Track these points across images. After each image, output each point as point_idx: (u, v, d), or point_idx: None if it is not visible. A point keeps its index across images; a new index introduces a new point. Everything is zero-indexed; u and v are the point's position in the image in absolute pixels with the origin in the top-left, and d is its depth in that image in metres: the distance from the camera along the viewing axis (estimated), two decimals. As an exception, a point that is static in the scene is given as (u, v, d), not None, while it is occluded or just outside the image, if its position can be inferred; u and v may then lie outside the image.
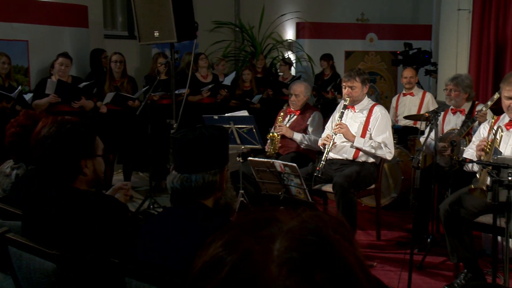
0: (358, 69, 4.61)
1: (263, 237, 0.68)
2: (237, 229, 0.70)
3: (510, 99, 3.53)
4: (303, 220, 0.70)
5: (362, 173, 4.40)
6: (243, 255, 0.66)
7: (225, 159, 1.99)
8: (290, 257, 0.65)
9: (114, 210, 1.98)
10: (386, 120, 4.50)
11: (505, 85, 3.55)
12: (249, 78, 7.45)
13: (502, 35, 6.25)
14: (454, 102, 4.60)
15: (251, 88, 7.49)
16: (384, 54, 9.61)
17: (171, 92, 5.00)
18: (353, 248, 0.70)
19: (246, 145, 5.03)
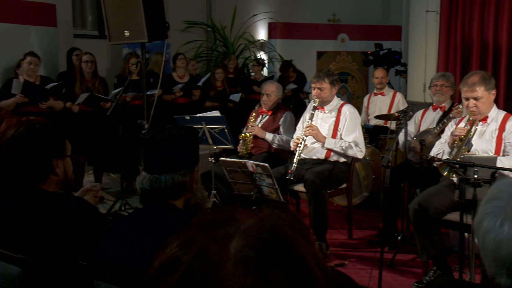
0: (327, 70, 4.65)
1: (219, 236, 0.68)
2: (194, 229, 0.71)
3: (467, 100, 3.63)
4: (260, 219, 0.71)
5: (334, 171, 4.44)
6: (198, 254, 0.66)
7: (195, 159, 1.98)
8: (246, 255, 0.66)
9: (82, 212, 1.96)
10: (355, 119, 4.56)
11: (462, 86, 3.66)
12: (221, 78, 7.44)
13: (468, 37, 6.39)
14: (444, 98, 4.70)
15: (224, 88, 7.49)
16: (355, 55, 9.73)
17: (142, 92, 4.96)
18: (310, 246, 0.71)
19: (218, 145, 5.03)
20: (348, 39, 9.71)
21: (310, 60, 9.43)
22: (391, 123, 5.15)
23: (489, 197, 1.16)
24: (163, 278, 0.67)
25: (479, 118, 3.66)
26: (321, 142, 4.50)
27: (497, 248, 1.10)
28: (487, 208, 1.14)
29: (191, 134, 1.96)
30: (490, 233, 1.11)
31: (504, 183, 1.17)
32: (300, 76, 8.33)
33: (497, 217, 1.11)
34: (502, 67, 6.08)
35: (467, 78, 3.64)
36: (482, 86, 3.58)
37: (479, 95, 3.58)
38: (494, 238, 1.10)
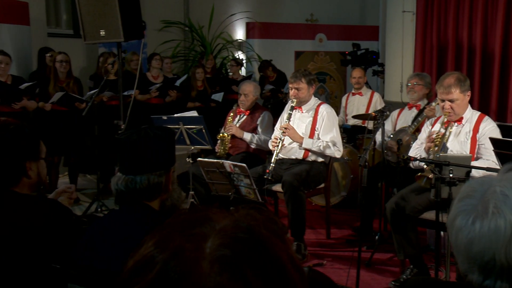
0: (304, 70, 4.68)
1: (195, 235, 0.69)
2: (169, 229, 0.71)
3: (443, 102, 3.68)
4: (236, 219, 0.72)
5: (311, 172, 4.47)
6: (174, 253, 0.67)
7: (171, 160, 1.98)
8: (222, 254, 0.66)
9: (55, 214, 1.93)
10: (333, 118, 4.59)
11: (438, 88, 3.70)
12: (202, 77, 7.41)
13: (443, 37, 6.49)
14: (416, 96, 4.76)
15: (204, 88, 7.46)
16: (333, 55, 9.79)
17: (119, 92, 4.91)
18: (285, 246, 0.72)
19: (196, 145, 5.01)
20: (326, 39, 9.77)
21: (288, 60, 9.47)
22: (369, 123, 5.20)
23: (461, 196, 1.18)
24: (138, 277, 0.67)
25: (454, 119, 3.71)
26: (298, 142, 4.52)
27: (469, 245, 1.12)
28: (460, 207, 1.16)
29: (167, 135, 1.95)
30: (462, 231, 1.13)
31: (476, 182, 1.19)
32: (280, 76, 8.35)
33: (469, 215, 1.13)
34: (477, 67, 6.19)
35: (443, 80, 3.69)
36: (458, 88, 3.62)
37: (455, 97, 3.63)
38: (466, 236, 1.12)
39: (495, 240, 1.08)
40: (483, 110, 3.97)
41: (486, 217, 1.10)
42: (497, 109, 5.98)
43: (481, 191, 1.15)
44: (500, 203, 1.10)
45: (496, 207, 1.10)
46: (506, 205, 1.10)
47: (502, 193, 1.12)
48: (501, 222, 1.09)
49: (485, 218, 1.10)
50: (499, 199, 1.11)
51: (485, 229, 1.10)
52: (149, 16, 7.97)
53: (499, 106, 5.99)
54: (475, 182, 1.20)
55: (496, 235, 1.08)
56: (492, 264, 1.09)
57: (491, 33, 6.05)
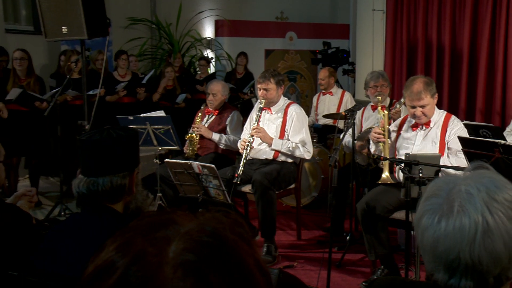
0: (273, 70, 4.68)
1: (158, 239, 0.68)
2: (132, 232, 0.70)
3: (413, 108, 3.71)
4: (201, 222, 0.71)
5: (282, 172, 4.48)
6: (135, 257, 0.66)
7: (134, 161, 1.96)
8: (186, 259, 0.65)
9: (13, 219, 1.89)
10: (302, 118, 4.61)
11: (407, 94, 3.71)
12: (172, 76, 7.39)
13: (413, 36, 6.60)
14: (384, 97, 4.79)
15: (174, 87, 7.42)
16: (303, 53, 9.85)
17: (82, 91, 4.84)
18: (252, 250, 0.71)
19: (164, 146, 4.97)
20: (297, 37, 9.82)
21: (258, 59, 9.47)
22: (339, 122, 5.24)
23: (427, 195, 1.20)
24: (98, 283, 0.66)
25: (424, 122, 3.76)
26: (268, 143, 4.53)
27: (434, 244, 1.13)
28: (426, 206, 1.18)
29: (130, 135, 1.94)
30: (428, 230, 1.15)
31: (442, 181, 1.21)
32: (247, 75, 8.35)
33: (435, 214, 1.15)
34: (446, 67, 6.31)
35: (411, 86, 3.69)
36: (428, 93, 3.66)
37: (426, 103, 3.67)
38: (432, 235, 1.14)
39: (460, 239, 1.10)
40: (452, 109, 4.05)
41: (451, 216, 1.12)
42: (466, 108, 6.11)
43: (447, 190, 1.17)
44: (464, 202, 1.13)
45: (461, 205, 1.12)
46: (470, 203, 1.12)
47: (466, 192, 1.14)
48: (465, 220, 1.11)
49: (450, 217, 1.12)
50: (464, 198, 1.13)
51: (450, 228, 1.12)
52: (114, 12, 7.87)
53: (468, 105, 6.12)
54: (441, 181, 1.22)
55: (460, 233, 1.10)
56: (457, 263, 1.11)
57: (459, 32, 6.18)
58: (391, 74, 6.67)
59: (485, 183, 1.15)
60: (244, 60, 8.34)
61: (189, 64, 9.19)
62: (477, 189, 1.14)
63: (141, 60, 8.82)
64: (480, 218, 1.11)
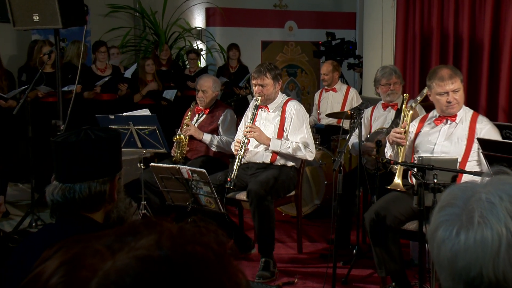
0: (269, 63, 4.69)
1: (96, 252, 0.68)
2: (78, 242, 0.70)
3: (444, 95, 3.71)
4: (158, 240, 0.69)
5: (280, 178, 4.48)
6: (69, 265, 0.66)
7: (116, 165, 1.96)
8: (119, 279, 0.65)
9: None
10: (302, 116, 4.60)
11: (435, 80, 3.72)
12: (152, 70, 7.35)
13: (427, 26, 6.60)
14: (397, 96, 4.80)
15: (154, 82, 7.40)
16: (305, 45, 9.86)
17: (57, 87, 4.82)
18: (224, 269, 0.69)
19: (149, 149, 4.97)
20: (297, 27, 9.83)
21: (254, 51, 9.48)
22: (344, 122, 5.24)
23: (442, 204, 1.19)
24: None
25: (457, 111, 3.77)
26: (266, 144, 4.52)
27: (453, 259, 1.12)
28: (441, 216, 1.17)
29: (111, 136, 1.94)
30: (445, 243, 1.14)
31: (458, 188, 1.20)
32: (241, 69, 8.35)
33: (453, 225, 1.14)
34: (464, 60, 6.30)
35: (438, 72, 3.73)
36: (458, 78, 3.72)
37: (458, 87, 3.70)
38: (450, 249, 1.13)
39: (482, 253, 1.09)
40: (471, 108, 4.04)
41: (471, 228, 1.12)
42: (487, 106, 6.10)
43: (464, 198, 1.16)
44: (486, 212, 1.12)
45: (481, 216, 1.12)
46: (492, 214, 1.11)
47: (487, 201, 1.13)
48: (487, 233, 1.10)
49: (470, 229, 1.12)
50: (485, 207, 1.12)
51: (470, 241, 1.11)
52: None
53: (489, 103, 6.12)
54: (457, 188, 1.21)
55: (483, 247, 1.10)
56: (479, 280, 1.10)
57: (479, 22, 6.18)
58: (402, 69, 6.67)
59: (508, 190, 1.14)
60: (236, 53, 8.34)
61: (176, 57, 9.19)
62: (499, 198, 1.13)
63: (123, 52, 8.83)
64: (504, 229, 1.10)
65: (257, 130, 4.49)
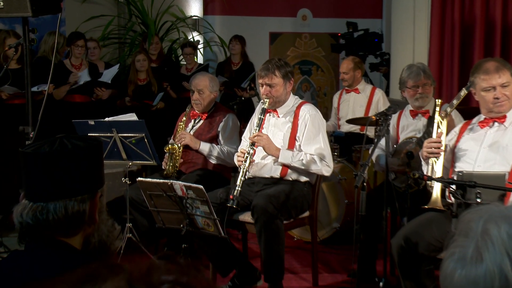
0: (278, 59, 4.67)
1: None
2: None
3: (490, 90, 3.70)
4: (129, 278, 0.70)
5: (292, 195, 4.48)
6: None
7: (97, 180, 1.97)
8: None
9: None
10: (318, 122, 4.60)
11: (480, 74, 3.72)
12: (145, 67, 7.32)
13: (469, 13, 6.60)
14: (428, 100, 4.75)
15: (149, 81, 7.37)
16: (321, 37, 9.86)
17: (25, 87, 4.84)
18: None
19: (135, 161, 4.99)
20: (312, 16, 9.85)
21: (260, 45, 9.49)
22: (368, 129, 5.24)
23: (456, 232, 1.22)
24: None
25: (507, 110, 3.76)
26: (274, 156, 4.52)
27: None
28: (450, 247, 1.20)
29: (92, 146, 1.95)
30: (445, 277, 1.17)
31: (470, 215, 1.23)
32: (245, 66, 8.35)
33: (453, 259, 1.17)
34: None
35: (484, 64, 3.73)
36: (507, 71, 3.71)
37: (507, 80, 3.69)
38: (445, 285, 1.16)
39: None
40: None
41: (467, 264, 1.15)
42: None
43: (472, 228, 1.19)
44: (483, 248, 1.14)
45: (478, 252, 1.15)
46: (489, 251, 1.13)
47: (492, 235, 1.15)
48: (480, 271, 1.13)
49: (466, 265, 1.15)
50: (486, 243, 1.15)
51: (462, 278, 1.14)
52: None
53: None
54: (469, 215, 1.23)
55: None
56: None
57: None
58: (438, 66, 6.66)
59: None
60: (239, 46, 8.35)
61: (169, 51, 9.21)
62: (507, 235, 1.15)
63: (105, 45, 8.81)
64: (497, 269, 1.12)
65: (265, 138, 4.49)
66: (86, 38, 7.26)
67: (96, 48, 7.56)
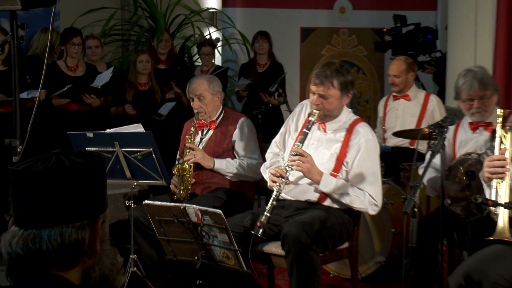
0: (340, 65, 4.53)
1: None
2: None
3: None
4: None
5: (329, 223, 4.45)
6: None
7: (99, 204, 1.98)
8: None
9: None
10: (374, 151, 4.52)
11: None
12: (147, 69, 7.32)
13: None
14: (488, 115, 4.67)
15: (151, 87, 7.39)
16: (363, 33, 9.85)
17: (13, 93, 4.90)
18: None
19: (141, 180, 5.00)
20: (351, 8, 9.84)
21: (290, 42, 9.50)
22: (420, 144, 5.21)
23: None
24: None
25: None
26: (314, 181, 4.47)
27: None
28: None
29: (93, 163, 1.96)
30: None
31: None
32: (274, 67, 8.36)
33: None
34: None
35: None
36: None
37: None
38: None
39: None
40: None
41: None
42: None
43: None
44: None
45: None
46: None
47: None
48: None
49: None
50: None
51: None
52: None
53: None
54: None
55: None
56: None
57: None
58: (506, 69, 6.59)
59: None
60: (265, 44, 8.35)
61: (181, 50, 9.25)
62: None
63: (106, 43, 8.84)
64: None
65: (309, 161, 4.41)
66: (83, 35, 7.30)
67: (98, 47, 7.62)
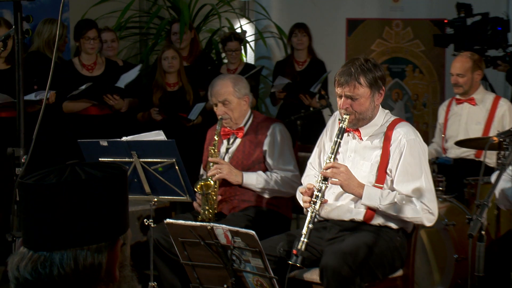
0: (365, 60, 4.53)
1: None
2: None
3: None
4: None
5: (378, 248, 4.46)
6: None
7: (119, 224, 2.01)
8: None
9: None
10: (419, 151, 4.48)
11: None
12: (175, 67, 7.32)
13: None
14: None
15: (181, 87, 7.41)
16: (419, 25, 9.83)
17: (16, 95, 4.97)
18: None
19: (162, 196, 5.02)
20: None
21: (334, 37, 9.51)
22: (488, 155, 5.20)
23: None
24: None
25: None
26: (356, 195, 4.47)
27: None
28: None
29: (113, 177, 1.99)
30: None
31: None
32: (315, 64, 8.37)
33: None
34: None
35: None
36: None
37: None
38: None
39: None
40: None
41: None
42: None
43: None
44: None
45: None
46: None
47: None
48: None
49: None
50: None
51: None
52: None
53: None
54: None
55: None
56: None
57: None
58: None
59: None
60: (305, 38, 8.36)
61: (208, 46, 9.29)
62: None
63: (122, 37, 8.90)
64: None
65: (344, 172, 4.40)
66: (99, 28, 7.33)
67: (114, 41, 7.67)
